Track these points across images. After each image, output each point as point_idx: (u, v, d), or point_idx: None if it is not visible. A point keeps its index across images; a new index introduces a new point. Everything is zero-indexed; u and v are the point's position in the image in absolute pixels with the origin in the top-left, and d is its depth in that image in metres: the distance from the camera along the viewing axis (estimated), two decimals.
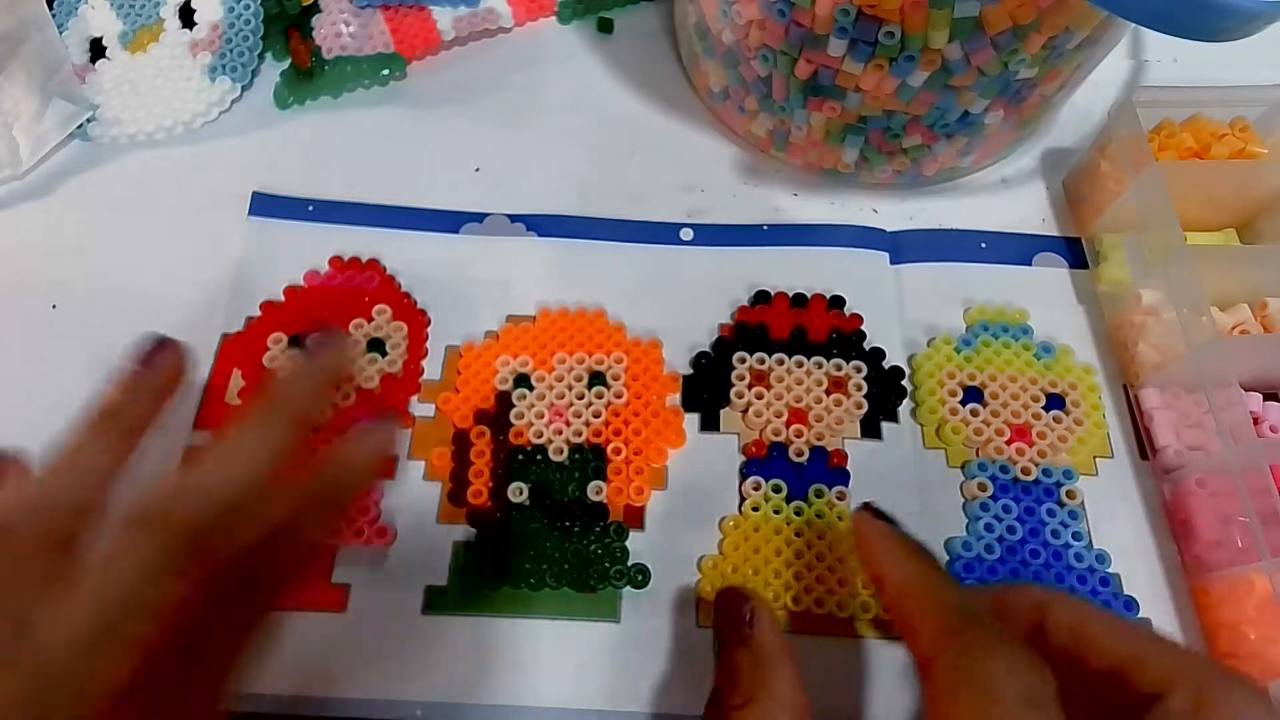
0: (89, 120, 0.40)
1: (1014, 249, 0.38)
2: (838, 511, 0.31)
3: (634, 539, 0.31)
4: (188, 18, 0.41)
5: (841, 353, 0.34)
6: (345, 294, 0.35)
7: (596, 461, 0.32)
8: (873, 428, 0.33)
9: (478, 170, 0.40)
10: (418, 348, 0.34)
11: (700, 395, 0.34)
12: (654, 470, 0.32)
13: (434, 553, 0.30)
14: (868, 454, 0.32)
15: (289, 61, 0.42)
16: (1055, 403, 0.33)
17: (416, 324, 0.35)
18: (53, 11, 0.41)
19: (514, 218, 0.38)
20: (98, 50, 0.41)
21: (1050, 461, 0.32)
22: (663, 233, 0.38)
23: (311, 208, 0.38)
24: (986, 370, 0.34)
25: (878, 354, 0.34)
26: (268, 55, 0.42)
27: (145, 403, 0.25)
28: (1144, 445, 0.33)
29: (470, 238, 0.37)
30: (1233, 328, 0.32)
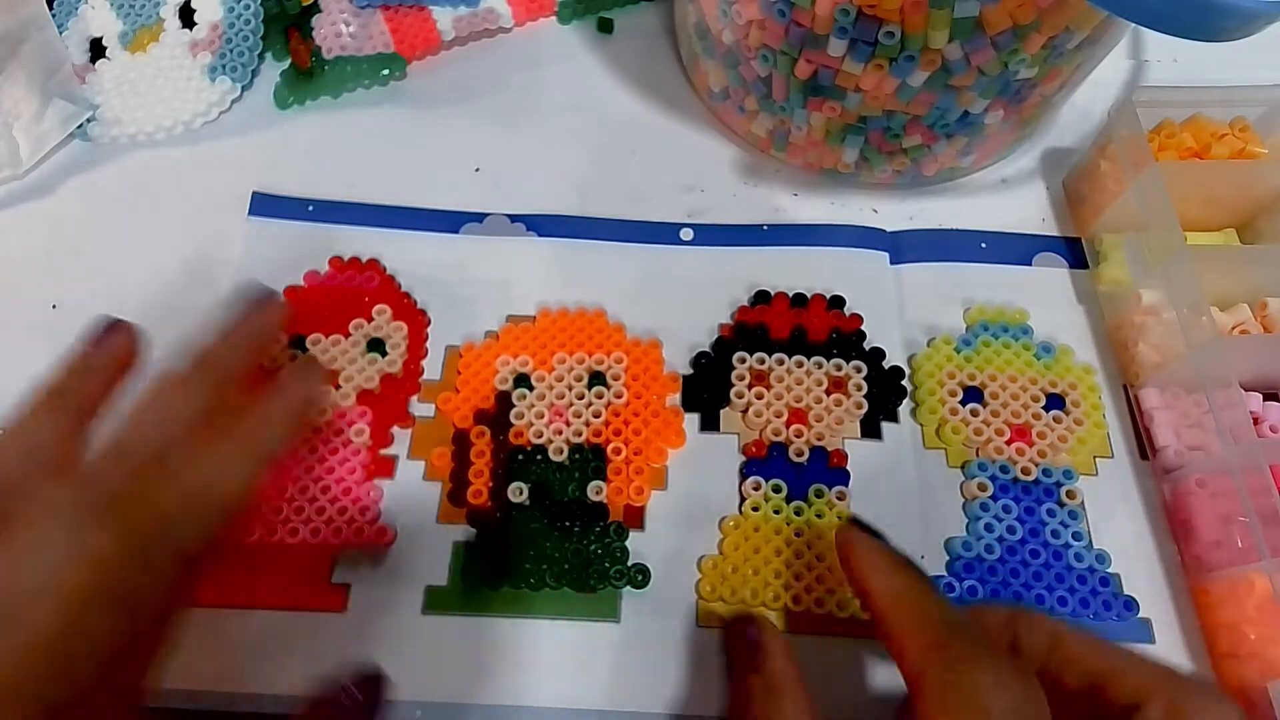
0: (89, 120, 0.40)
1: (1014, 249, 0.38)
2: (838, 511, 0.31)
3: (634, 539, 0.31)
4: (188, 18, 0.41)
5: (841, 353, 0.34)
6: (345, 294, 0.35)
7: (596, 461, 0.32)
8: (873, 428, 0.33)
9: (478, 170, 0.40)
10: (418, 348, 0.34)
11: (700, 395, 0.34)
12: (654, 470, 0.32)
13: (434, 553, 0.30)
14: (868, 454, 0.32)
15: (289, 61, 0.42)
16: (1055, 403, 0.33)
17: (416, 324, 0.35)
18: (53, 11, 0.41)
19: (514, 218, 0.38)
20: (98, 50, 0.41)
21: (1050, 461, 0.32)
22: (663, 233, 0.38)
23: (311, 208, 0.38)
24: (986, 370, 0.34)
25: (878, 354, 0.34)
26: (268, 55, 0.42)
27: (94, 383, 0.25)
28: (1144, 445, 0.33)
29: (470, 238, 0.37)
30: (1233, 328, 0.32)
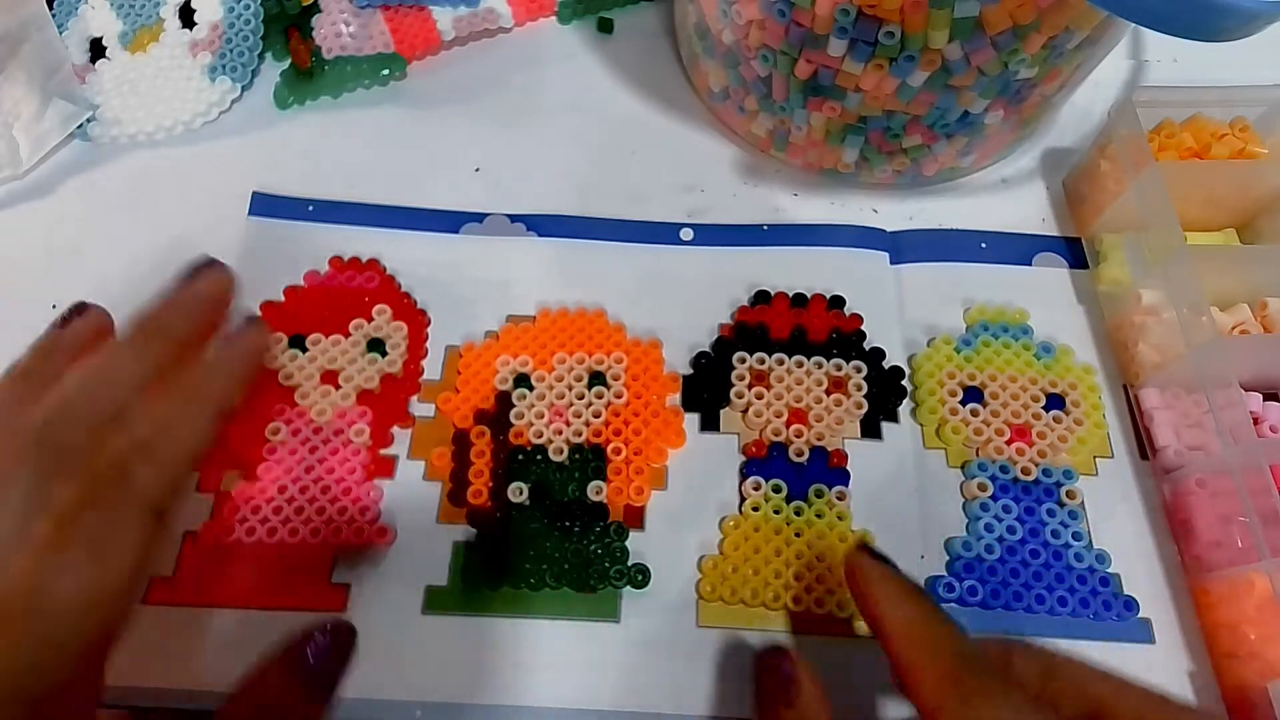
0: (89, 120, 0.40)
1: (1014, 249, 0.38)
2: (838, 511, 0.31)
3: (634, 539, 0.31)
4: (188, 18, 0.41)
5: (841, 353, 0.34)
6: (345, 294, 0.35)
7: (596, 461, 0.32)
8: (873, 428, 0.33)
9: (478, 170, 0.40)
10: (418, 348, 0.34)
11: (700, 395, 0.34)
12: (654, 470, 0.32)
13: (434, 553, 0.30)
14: (868, 454, 0.32)
15: (289, 61, 0.42)
16: (1055, 403, 0.33)
17: (416, 324, 0.35)
18: (53, 11, 0.41)
19: (514, 218, 0.38)
20: (98, 50, 0.41)
21: (1050, 461, 0.32)
22: (663, 233, 0.38)
23: (311, 208, 0.38)
24: (986, 370, 0.34)
25: (878, 354, 0.34)
26: (268, 55, 0.42)
27: (60, 362, 0.25)
28: (1144, 445, 0.33)
29: (470, 238, 0.37)
30: (1233, 328, 0.32)
